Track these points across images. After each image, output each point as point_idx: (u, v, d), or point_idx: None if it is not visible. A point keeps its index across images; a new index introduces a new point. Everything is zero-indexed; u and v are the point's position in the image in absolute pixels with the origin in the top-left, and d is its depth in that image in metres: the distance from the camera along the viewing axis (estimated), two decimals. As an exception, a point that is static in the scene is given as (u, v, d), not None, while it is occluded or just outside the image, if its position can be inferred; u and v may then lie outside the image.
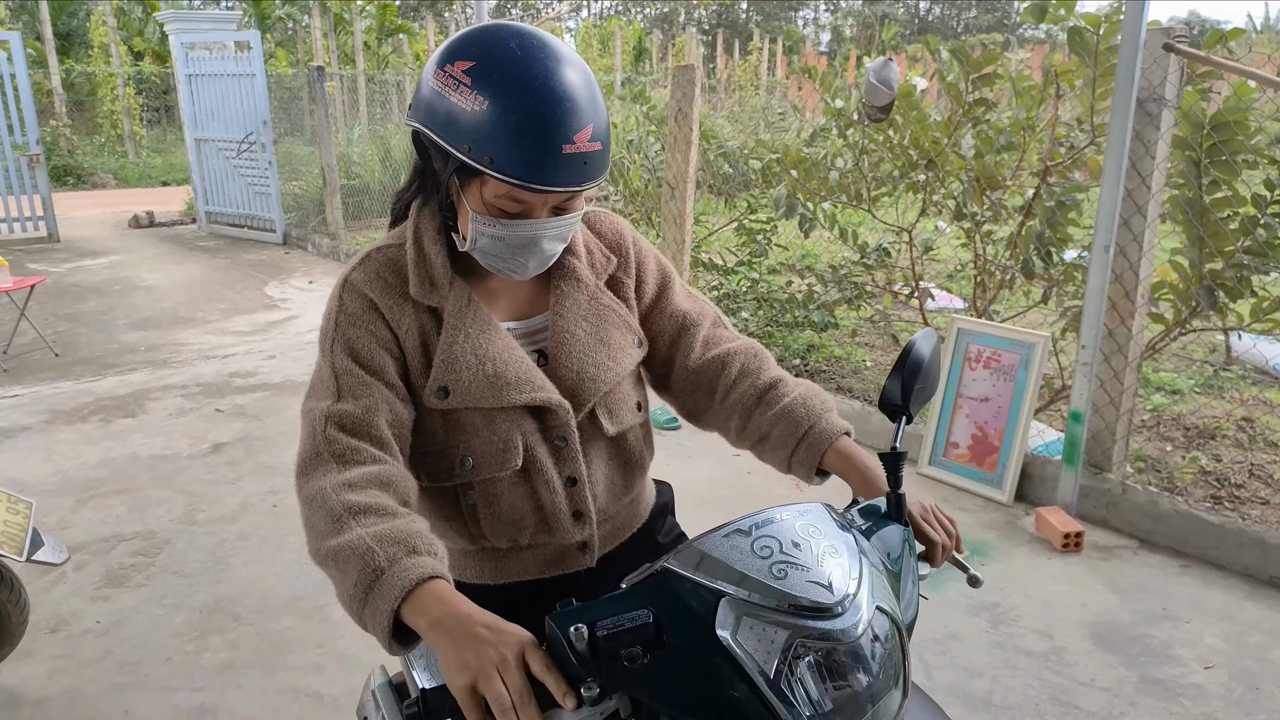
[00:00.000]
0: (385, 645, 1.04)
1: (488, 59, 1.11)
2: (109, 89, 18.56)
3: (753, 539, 0.92)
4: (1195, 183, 3.53)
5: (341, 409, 1.18)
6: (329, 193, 9.93)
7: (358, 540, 1.05)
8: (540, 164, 1.11)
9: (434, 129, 1.16)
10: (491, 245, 1.21)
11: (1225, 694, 2.59)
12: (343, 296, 1.26)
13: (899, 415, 1.21)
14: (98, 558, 3.38)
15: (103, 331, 6.61)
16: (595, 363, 1.33)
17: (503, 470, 1.29)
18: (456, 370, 1.25)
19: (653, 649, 0.90)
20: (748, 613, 0.88)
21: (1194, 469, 3.91)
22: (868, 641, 0.90)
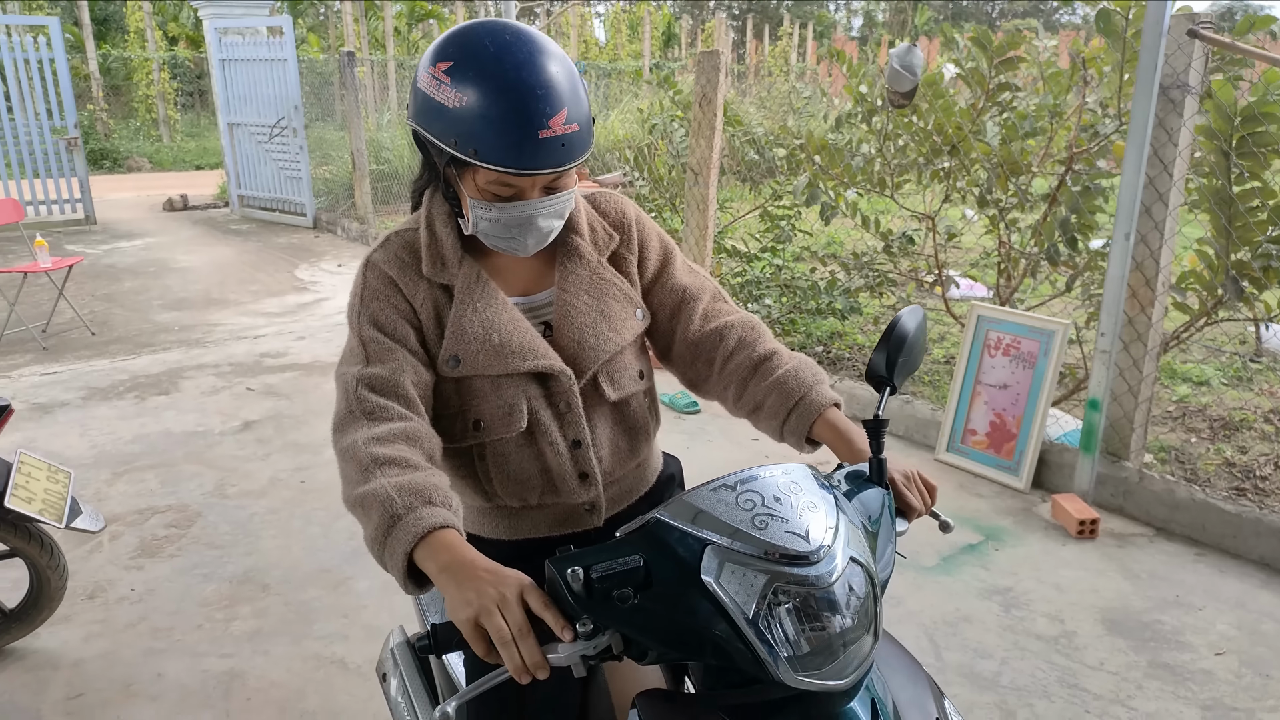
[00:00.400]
0: (401, 584, 1.13)
1: (464, 57, 1.21)
2: (144, 74, 18.83)
3: (738, 493, 1.00)
4: (1223, 173, 3.50)
5: (370, 372, 1.30)
6: (358, 177, 10.04)
7: (380, 489, 1.15)
8: (520, 150, 1.19)
9: (425, 126, 1.26)
10: (491, 227, 1.31)
11: (1234, 680, 2.60)
12: (366, 275, 1.39)
13: (883, 386, 1.28)
14: (132, 529, 3.50)
15: (138, 311, 6.77)
16: (596, 332, 1.41)
17: (509, 431, 1.39)
18: (465, 340, 1.35)
19: (642, 590, 0.98)
20: (730, 559, 0.95)
21: (1218, 460, 3.90)
22: (842, 589, 0.96)
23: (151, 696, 2.57)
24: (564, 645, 1.00)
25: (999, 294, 5.02)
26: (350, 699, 2.55)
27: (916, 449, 4.24)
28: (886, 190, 5.25)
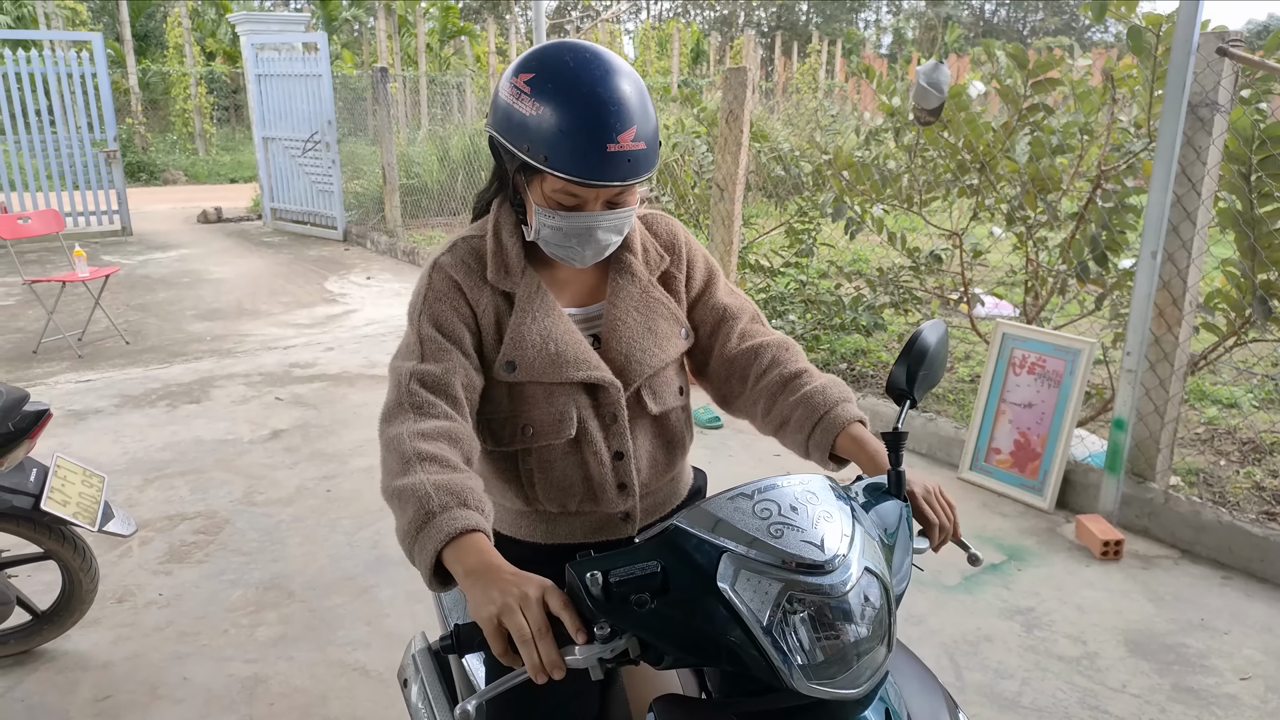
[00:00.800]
0: (426, 581, 1.17)
1: (544, 71, 1.28)
2: (182, 88, 19.23)
3: (755, 502, 1.02)
4: (1247, 194, 3.48)
5: (424, 368, 1.35)
6: (388, 191, 10.18)
7: (420, 484, 1.19)
8: (588, 161, 1.25)
9: (502, 133, 1.33)
10: (552, 235, 1.36)
11: (1260, 705, 2.56)
12: (432, 276, 1.44)
13: (903, 400, 1.30)
14: (162, 534, 3.56)
15: (171, 321, 6.90)
16: (643, 348, 1.47)
17: (558, 438, 1.43)
18: (523, 348, 1.40)
19: (659, 595, 1.00)
20: (746, 566, 0.97)
21: (1248, 484, 3.85)
22: (856, 599, 0.98)
23: (177, 700, 2.61)
24: (582, 648, 1.02)
25: (1026, 312, 5.00)
26: (372, 705, 2.58)
27: (939, 467, 4.22)
28: (914, 206, 5.25)
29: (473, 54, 20.48)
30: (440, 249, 1.47)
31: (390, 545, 3.48)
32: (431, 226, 10.90)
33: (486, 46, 19.10)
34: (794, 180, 7.54)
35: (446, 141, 11.45)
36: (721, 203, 5.31)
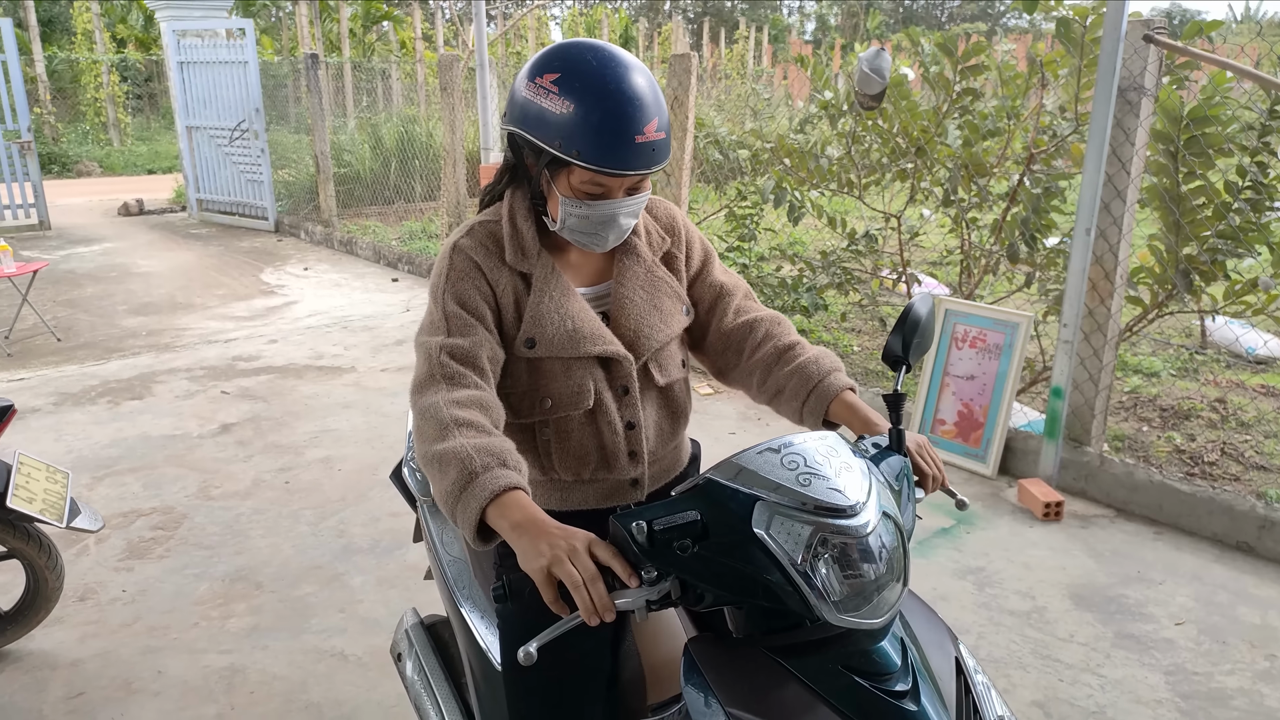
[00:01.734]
0: (470, 538, 1.24)
1: (571, 71, 1.35)
2: (93, 76, 18.45)
3: (781, 455, 1.12)
4: (1172, 172, 3.70)
5: (453, 342, 1.42)
6: (322, 180, 9.99)
7: (460, 447, 1.27)
8: (618, 153, 1.34)
9: (529, 130, 1.39)
10: (578, 223, 1.44)
11: (1194, 647, 2.77)
12: (453, 257, 1.50)
13: (899, 365, 1.41)
14: (118, 531, 3.50)
15: (103, 317, 6.69)
16: (649, 324, 1.55)
17: (576, 409, 1.51)
18: (542, 325, 1.48)
19: (700, 541, 1.10)
20: (778, 512, 1.07)
21: (1169, 448, 4.10)
22: (875, 540, 1.08)
23: (153, 693, 2.60)
24: (630, 590, 1.11)
25: (960, 290, 5.20)
26: (354, 689, 2.60)
27: (887, 440, 4.38)
28: (854, 191, 5.41)
29: (397, 39, 20.12)
30: (458, 232, 1.53)
31: (357, 533, 3.48)
32: (367, 216, 10.74)
33: (412, 31, 18.79)
34: (732, 165, 7.66)
35: (379, 129, 11.28)
36: (668, 188, 5.39)
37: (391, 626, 2.88)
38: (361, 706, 2.54)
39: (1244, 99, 4.38)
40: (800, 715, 1.08)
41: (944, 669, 1.17)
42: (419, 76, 15.32)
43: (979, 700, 1.17)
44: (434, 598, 2.70)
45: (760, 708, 1.10)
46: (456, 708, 1.89)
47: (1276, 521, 3.22)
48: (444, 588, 1.87)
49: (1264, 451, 4.05)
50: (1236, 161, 3.76)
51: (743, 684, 1.13)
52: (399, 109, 13.61)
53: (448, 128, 7.67)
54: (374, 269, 8.57)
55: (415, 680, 2.05)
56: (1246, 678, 2.63)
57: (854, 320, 6.16)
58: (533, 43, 19.12)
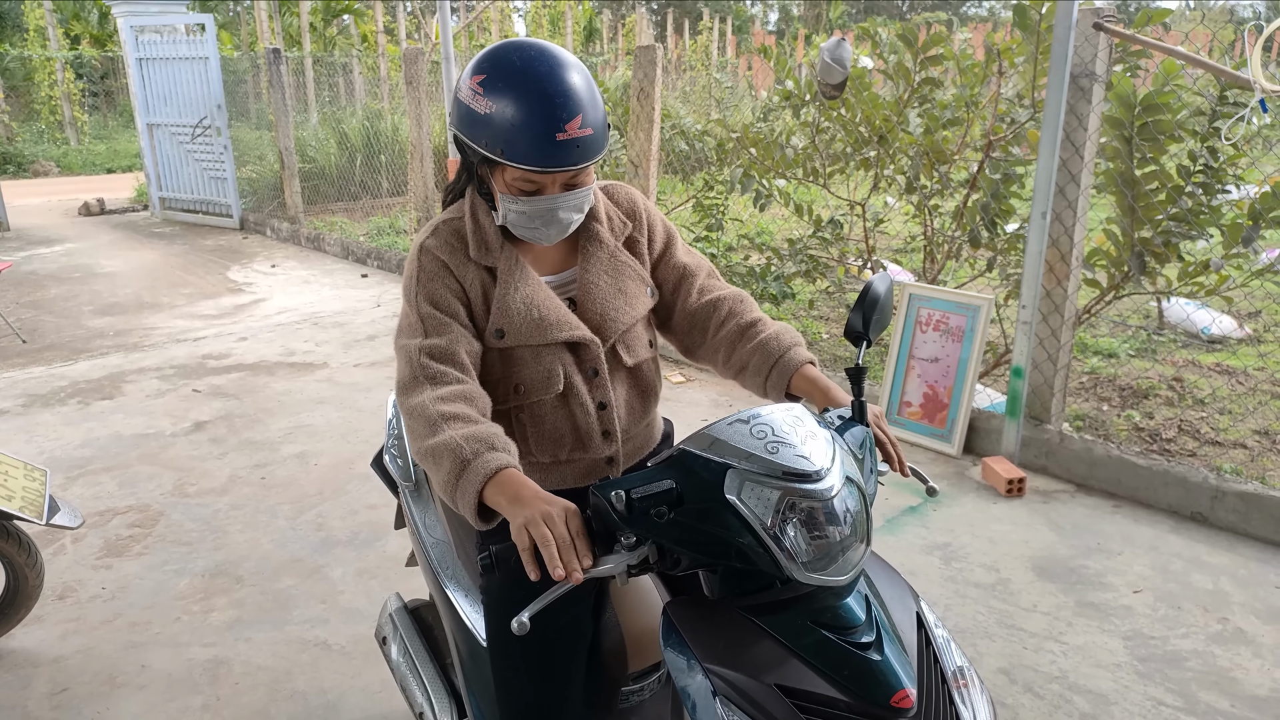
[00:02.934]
0: (472, 520, 1.32)
1: (495, 71, 1.40)
2: (46, 74, 18.10)
3: (750, 426, 1.19)
4: (1126, 157, 3.81)
5: (430, 343, 1.48)
6: (287, 176, 9.92)
7: (450, 439, 1.34)
8: (540, 150, 1.38)
9: (463, 131, 1.46)
10: (518, 218, 1.49)
11: (1151, 613, 2.88)
12: (421, 259, 1.56)
13: (860, 340, 1.49)
14: (95, 530, 3.50)
15: (68, 318, 6.62)
16: (615, 307, 1.61)
17: (547, 394, 1.57)
18: (509, 315, 1.54)
19: (676, 508, 1.18)
20: (748, 479, 1.15)
21: (1128, 426, 4.23)
22: (840, 503, 1.16)
23: (138, 686, 2.62)
24: (610, 556, 1.19)
25: (924, 276, 5.31)
26: (338, 677, 2.64)
27: (856, 423, 4.48)
28: (819, 179, 5.49)
29: (359, 33, 19.93)
30: (424, 233, 1.59)
31: (336, 526, 3.51)
32: (333, 212, 10.68)
33: (374, 25, 18.64)
34: (698, 155, 7.72)
35: (343, 124, 11.20)
36: (636, 179, 5.44)
37: (373, 616, 2.92)
38: (346, 694, 2.58)
39: (1195, 85, 4.51)
40: (773, 668, 1.16)
41: (905, 623, 1.25)
42: (382, 70, 15.21)
43: (939, 651, 1.24)
44: (415, 585, 2.75)
45: (736, 663, 1.18)
46: (442, 687, 1.95)
47: (1228, 493, 3.36)
48: (428, 570, 1.92)
49: (1219, 427, 4.19)
50: (1188, 147, 3.88)
51: (719, 641, 1.21)
52: (363, 103, 13.51)
53: (414, 122, 7.66)
54: (343, 265, 8.54)
55: (400, 662, 2.09)
56: (1200, 640, 2.75)
57: (821, 307, 6.26)
58: (495, 35, 19.03)
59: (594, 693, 1.60)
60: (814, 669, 1.15)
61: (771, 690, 1.14)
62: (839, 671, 1.14)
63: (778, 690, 1.14)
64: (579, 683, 1.56)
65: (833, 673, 1.14)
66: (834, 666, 1.15)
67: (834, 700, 1.13)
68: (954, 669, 1.23)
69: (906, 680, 1.14)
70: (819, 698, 1.13)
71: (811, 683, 1.14)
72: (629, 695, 1.66)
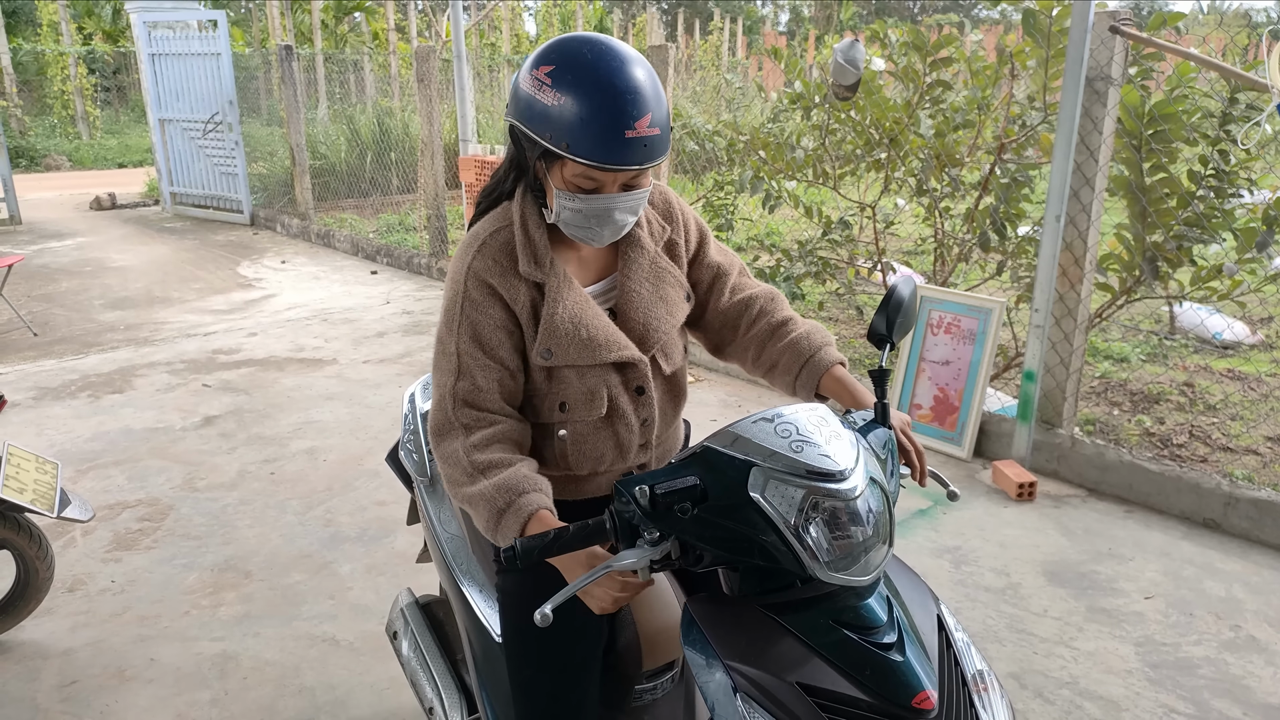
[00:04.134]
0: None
1: (564, 63, 1.36)
2: (59, 69, 18.17)
3: (775, 424, 1.19)
4: (1136, 166, 3.80)
5: (465, 386, 1.48)
6: (298, 173, 9.94)
7: (484, 490, 1.39)
8: (607, 147, 1.34)
9: (524, 122, 1.41)
10: (572, 217, 1.45)
11: (1163, 619, 2.87)
12: (467, 284, 1.50)
13: (883, 343, 1.48)
14: (104, 523, 3.51)
15: (79, 311, 6.65)
16: (657, 316, 1.58)
17: (591, 415, 1.55)
18: (557, 336, 1.50)
19: (699, 504, 1.17)
20: (773, 477, 1.15)
21: (1139, 430, 4.21)
22: (863, 503, 1.15)
23: (147, 680, 2.62)
24: (633, 551, 1.19)
25: (934, 278, 5.29)
26: (346, 673, 2.64)
27: (865, 425, 4.47)
28: (829, 181, 5.48)
29: (370, 30, 19.97)
30: (469, 252, 1.52)
31: (345, 522, 3.51)
32: (343, 209, 10.69)
33: (385, 23, 18.66)
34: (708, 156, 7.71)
35: (354, 121, 11.22)
36: (647, 178, 5.42)
37: (382, 613, 2.93)
38: (354, 690, 2.58)
39: (1208, 88, 4.49)
40: (795, 666, 1.15)
41: (926, 626, 1.24)
42: (392, 68, 15.24)
43: (959, 655, 1.23)
44: (425, 581, 2.75)
45: (757, 660, 1.17)
46: (452, 683, 1.96)
47: (1241, 499, 3.33)
48: (442, 565, 1.92)
49: (1230, 433, 4.17)
50: (1200, 150, 3.86)
51: (740, 638, 1.20)
52: (373, 101, 13.53)
53: (425, 120, 7.66)
54: (352, 261, 8.55)
55: (411, 657, 2.10)
56: (1212, 647, 2.73)
57: (831, 309, 6.24)
58: (506, 34, 19.06)
59: (608, 691, 1.60)
60: (836, 668, 1.15)
61: (793, 688, 1.13)
62: (861, 671, 1.14)
63: (799, 688, 1.13)
64: (595, 680, 1.56)
65: (855, 672, 1.14)
66: (856, 666, 1.15)
67: (856, 700, 1.13)
68: (974, 672, 1.22)
69: (928, 682, 1.14)
70: (841, 697, 1.13)
71: (833, 682, 1.14)
72: (642, 694, 1.66)
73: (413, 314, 6.50)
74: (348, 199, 10.90)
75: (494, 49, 18.43)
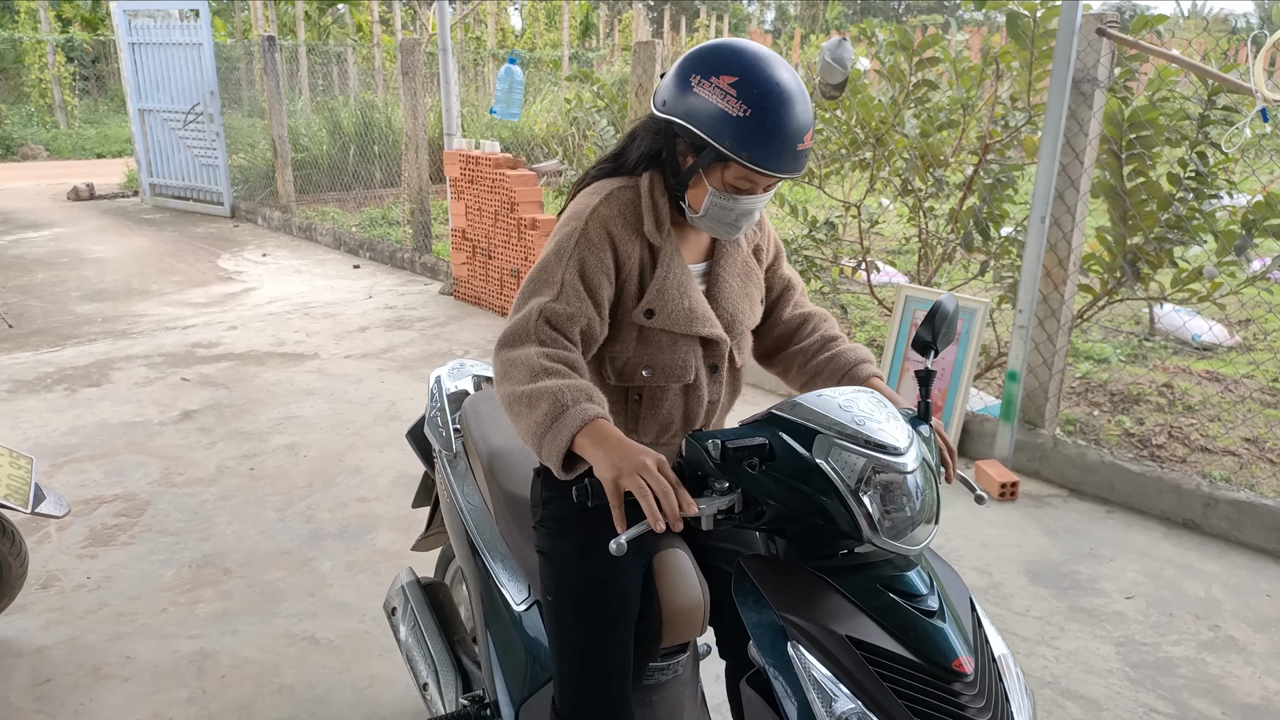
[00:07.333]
0: (556, 466, 1.38)
1: (749, 76, 1.45)
2: (37, 56, 17.93)
3: (838, 400, 1.31)
4: (1116, 171, 3.82)
5: (555, 307, 1.51)
6: (280, 165, 9.85)
7: (551, 386, 1.40)
8: (782, 158, 1.47)
9: (698, 126, 1.47)
10: (720, 214, 1.55)
11: (1143, 619, 2.88)
12: (588, 223, 1.56)
13: (927, 350, 1.59)
14: (80, 518, 3.46)
15: (56, 303, 6.55)
16: (742, 310, 1.70)
17: (676, 382, 1.62)
18: (664, 299, 1.58)
19: (766, 462, 1.29)
20: (835, 444, 1.26)
21: (1119, 431, 4.24)
22: (914, 481, 1.26)
23: (123, 678, 2.58)
24: (702, 499, 1.29)
25: (918, 278, 5.30)
26: (326, 672, 2.62)
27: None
28: (814, 180, 5.48)
29: (353, 23, 19.82)
30: (594, 198, 1.59)
31: (325, 519, 3.48)
32: (325, 202, 10.60)
33: (369, 15, 18.52)
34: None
35: (336, 113, 11.12)
36: (632, 175, 5.41)
37: (362, 611, 2.90)
38: (335, 688, 2.55)
39: (1190, 91, 4.51)
40: (844, 621, 1.25)
41: (961, 607, 1.33)
42: (377, 61, 15.13)
43: (988, 636, 1.32)
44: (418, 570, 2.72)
45: (808, 613, 1.27)
46: (448, 660, 2.04)
47: (1220, 500, 3.36)
48: (462, 537, 1.97)
49: (1209, 434, 4.20)
50: (1181, 153, 3.89)
51: (792, 594, 1.30)
52: (356, 93, 13.43)
53: (409, 113, 7.61)
54: (334, 255, 8.49)
55: (409, 633, 2.16)
56: (1191, 647, 2.75)
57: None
58: (491, 29, 18.97)
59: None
60: (882, 627, 1.24)
61: (843, 640, 1.22)
62: (905, 632, 1.23)
63: (849, 641, 1.22)
64: (619, 648, 1.60)
65: (899, 633, 1.23)
66: (901, 627, 1.23)
67: (900, 657, 1.21)
68: (1000, 654, 1.31)
69: (965, 649, 1.23)
70: (886, 653, 1.21)
71: (880, 638, 1.23)
72: (654, 672, 1.73)
73: (395, 309, 6.46)
74: (330, 192, 10.81)
75: (479, 43, 18.34)
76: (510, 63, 6.25)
